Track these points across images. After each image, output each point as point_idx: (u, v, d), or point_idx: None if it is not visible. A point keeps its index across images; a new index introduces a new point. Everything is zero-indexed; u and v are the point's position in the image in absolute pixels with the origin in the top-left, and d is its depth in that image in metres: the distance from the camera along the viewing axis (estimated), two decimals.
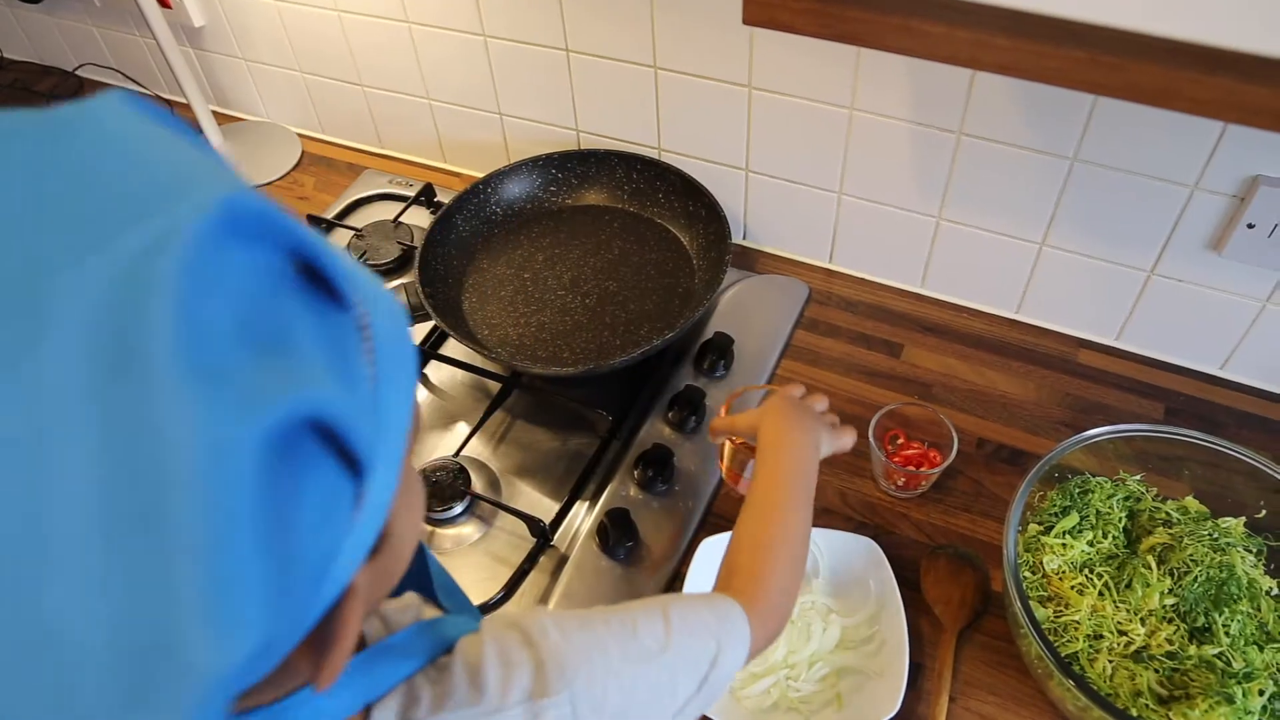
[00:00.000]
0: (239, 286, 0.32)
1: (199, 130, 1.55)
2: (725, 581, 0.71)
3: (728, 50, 1.12)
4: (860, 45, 0.61)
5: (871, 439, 1.01)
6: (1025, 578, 0.90)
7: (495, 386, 1.15)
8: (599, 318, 1.18)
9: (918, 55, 0.60)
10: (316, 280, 0.36)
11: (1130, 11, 0.54)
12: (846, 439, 0.91)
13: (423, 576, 0.57)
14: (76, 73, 1.73)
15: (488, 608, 0.97)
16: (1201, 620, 0.85)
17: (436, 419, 1.15)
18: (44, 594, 0.26)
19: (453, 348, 1.20)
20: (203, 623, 0.28)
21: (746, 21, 0.63)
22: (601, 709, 0.53)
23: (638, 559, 0.99)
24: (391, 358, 0.38)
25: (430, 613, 0.56)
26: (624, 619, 0.58)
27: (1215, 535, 0.90)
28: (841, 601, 0.95)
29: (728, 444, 0.96)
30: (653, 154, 1.30)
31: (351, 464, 0.35)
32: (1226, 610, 0.85)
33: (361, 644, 0.50)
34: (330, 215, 1.41)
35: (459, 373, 1.19)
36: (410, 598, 0.56)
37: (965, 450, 1.08)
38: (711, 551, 0.96)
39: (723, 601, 0.65)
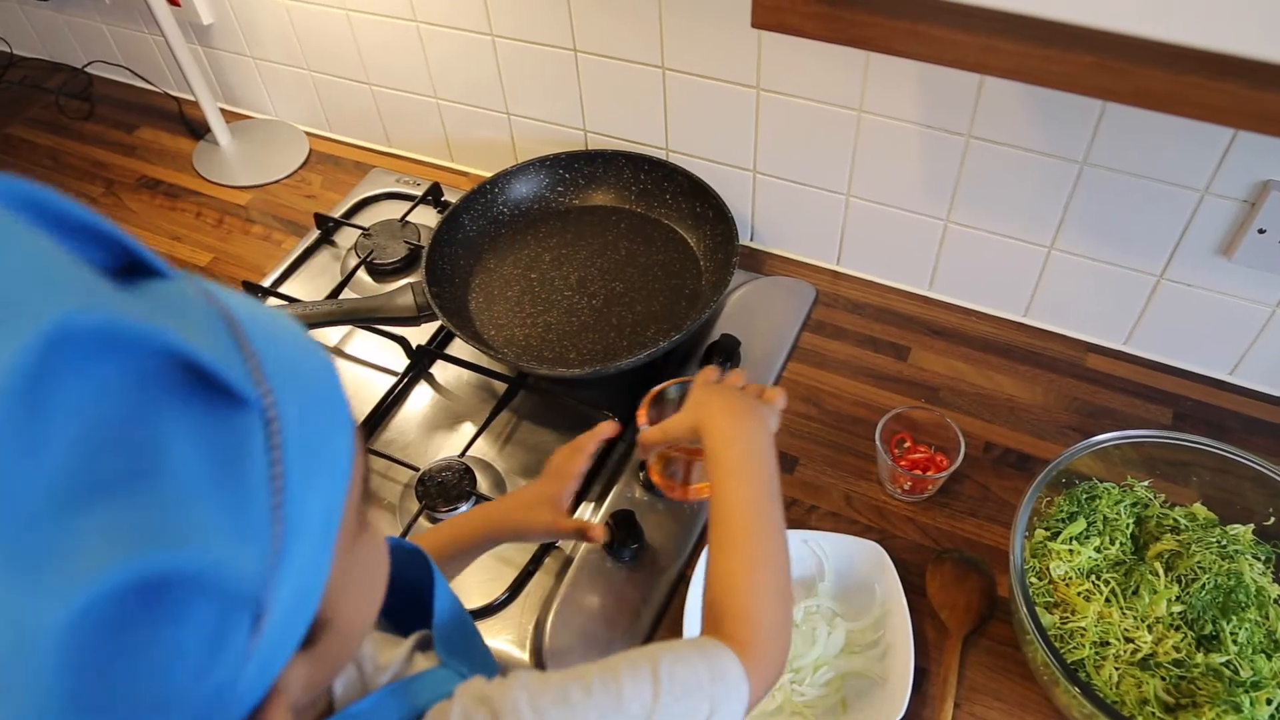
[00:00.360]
0: (75, 420, 0.27)
1: (207, 129, 1.55)
2: (714, 625, 0.62)
3: (736, 51, 1.12)
4: (869, 50, 0.61)
5: (878, 442, 1.01)
6: (1031, 583, 0.90)
7: (501, 387, 1.15)
8: (606, 319, 1.18)
9: (926, 60, 0.60)
10: (207, 377, 0.31)
11: (1136, 16, 0.53)
12: (780, 401, 0.80)
13: (428, 612, 0.55)
14: (86, 69, 1.74)
15: (492, 609, 0.97)
16: (1209, 628, 0.85)
17: (442, 419, 1.15)
18: None
19: (459, 348, 1.20)
20: None
21: (755, 25, 0.63)
22: None
23: (643, 561, 0.99)
24: (308, 443, 0.33)
25: (421, 664, 0.53)
26: (608, 681, 0.51)
27: (1223, 542, 0.89)
28: (846, 606, 0.94)
29: (654, 455, 0.87)
30: (660, 155, 1.30)
31: (240, 600, 0.31)
32: (1234, 618, 0.84)
33: (330, 708, 0.47)
34: (338, 214, 1.41)
35: (465, 373, 1.19)
36: (401, 649, 0.53)
37: (972, 454, 1.07)
38: None
39: (717, 651, 0.57)
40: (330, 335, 1.25)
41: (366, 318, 1.16)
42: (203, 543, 0.29)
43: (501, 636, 0.95)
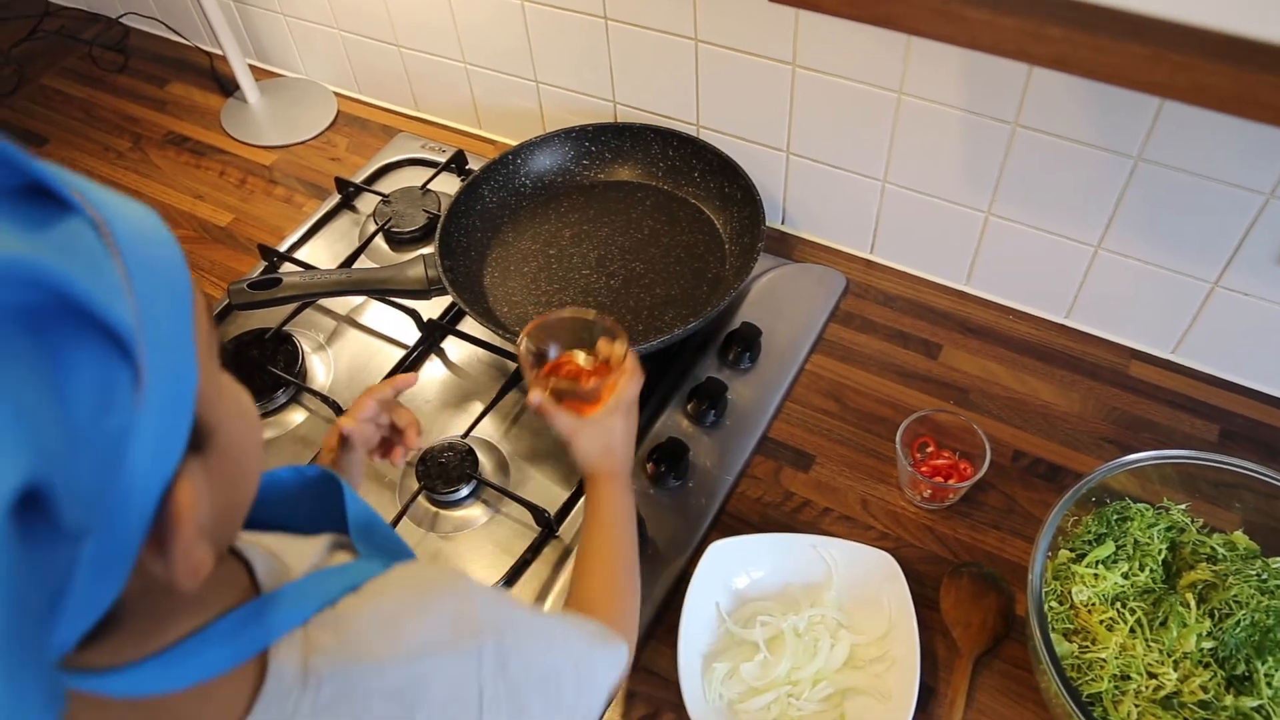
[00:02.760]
0: None
1: (236, 86, 1.53)
2: (588, 607, 0.73)
3: (772, 25, 1.06)
4: (895, 29, 0.55)
5: (899, 446, 0.96)
6: (1051, 608, 0.84)
7: (511, 366, 1.12)
8: (623, 300, 1.13)
9: (958, 43, 0.54)
10: (39, 194, 0.35)
11: (1206, 6, 0.47)
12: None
13: (339, 516, 0.57)
14: (121, 20, 1.72)
15: None
16: (1241, 668, 0.79)
17: (451, 396, 1.12)
18: None
19: (471, 324, 1.17)
20: None
21: None
22: (504, 673, 0.52)
23: (644, 557, 0.95)
24: (146, 252, 0.37)
25: (341, 558, 0.55)
26: (533, 610, 0.61)
27: (1264, 576, 0.83)
28: (852, 617, 0.90)
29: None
30: (691, 130, 1.24)
31: (116, 343, 0.34)
32: (1270, 659, 0.78)
33: (256, 591, 0.49)
34: (359, 179, 1.38)
35: (477, 349, 1.15)
36: (318, 544, 0.55)
37: (1000, 462, 1.01)
38: (721, 555, 0.91)
39: (601, 628, 0.68)
40: (341, 304, 1.22)
41: (376, 289, 1.12)
42: (67, 266, 0.33)
43: None
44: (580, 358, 0.83)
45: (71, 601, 0.34)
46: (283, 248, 1.30)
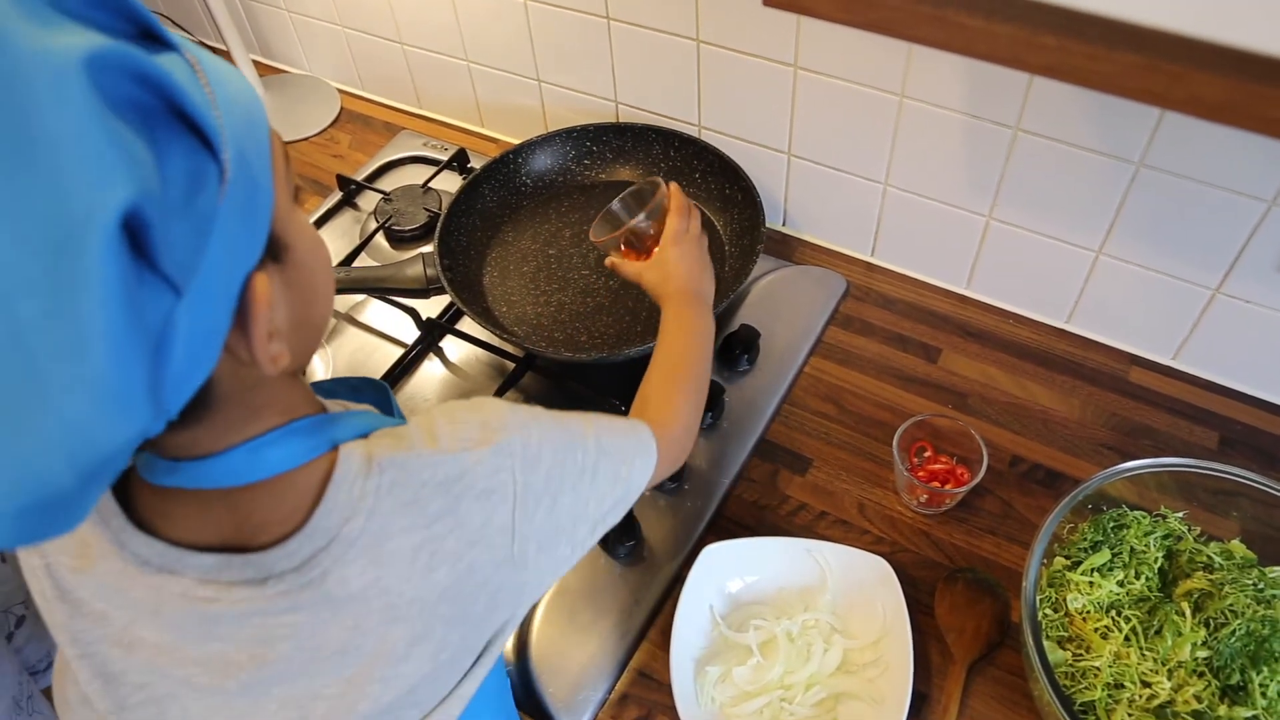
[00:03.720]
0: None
1: None
2: (642, 409, 0.79)
3: (774, 27, 1.05)
4: (889, 35, 0.55)
5: (896, 451, 0.96)
6: (1045, 615, 0.84)
7: (510, 366, 1.12)
8: (621, 301, 1.13)
9: (952, 50, 0.54)
10: (151, 37, 0.42)
11: (1197, 16, 0.47)
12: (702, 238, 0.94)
13: (385, 408, 0.65)
14: None
15: None
16: (1236, 678, 0.78)
17: (449, 395, 1.12)
18: None
19: (470, 323, 1.16)
20: (90, 180, 0.35)
21: (767, 3, 0.57)
22: (535, 467, 0.58)
23: (638, 558, 0.95)
24: (224, 87, 0.44)
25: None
26: (557, 412, 0.64)
27: (1260, 585, 0.82)
28: (846, 622, 0.90)
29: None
30: (692, 131, 1.24)
31: (204, 143, 0.41)
32: (1265, 669, 0.78)
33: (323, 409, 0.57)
34: (361, 177, 1.38)
35: (475, 349, 1.15)
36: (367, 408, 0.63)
37: (997, 467, 1.01)
38: (715, 558, 0.91)
39: (633, 421, 0.72)
40: (341, 302, 1.23)
41: (374, 288, 1.12)
42: (172, 68, 0.41)
43: None
44: (641, 219, 0.93)
45: (174, 356, 0.40)
46: None
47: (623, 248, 0.95)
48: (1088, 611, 0.83)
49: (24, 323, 0.35)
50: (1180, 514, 0.89)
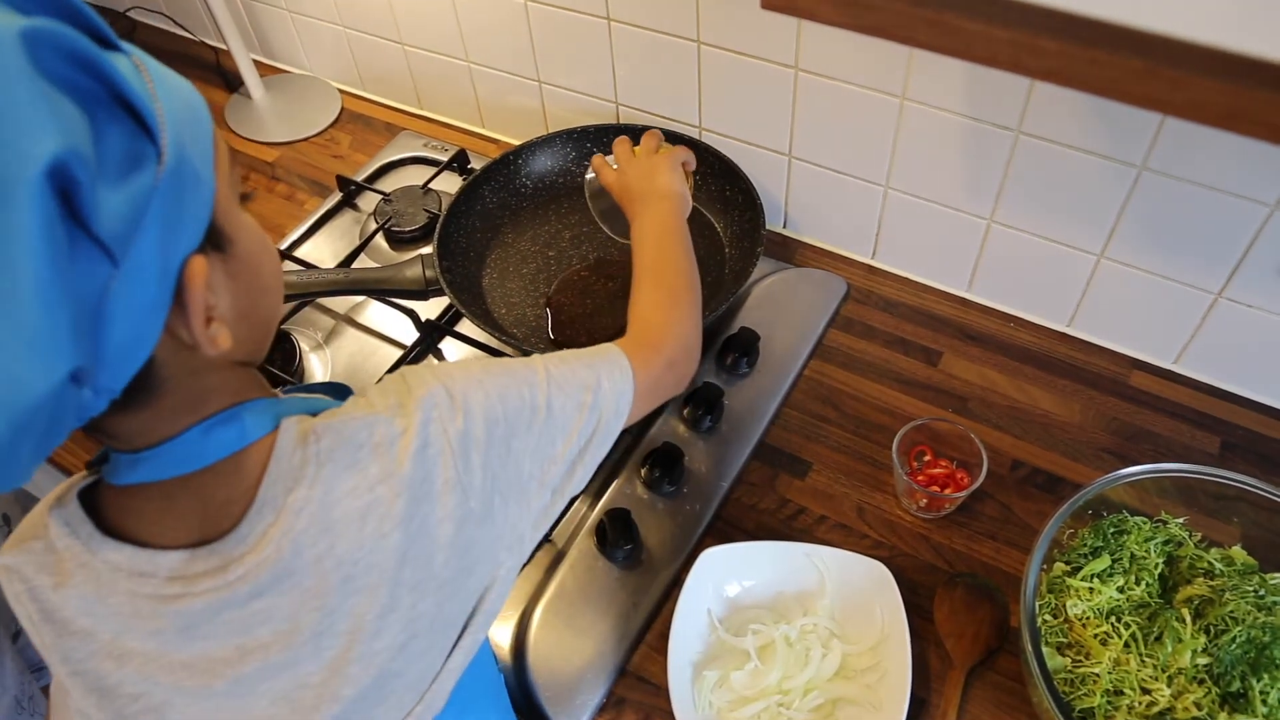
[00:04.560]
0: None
1: (241, 82, 1.53)
2: (627, 329, 0.77)
3: (774, 29, 1.05)
4: (887, 39, 0.54)
5: (895, 455, 0.95)
6: (1045, 621, 0.84)
7: None
8: (620, 303, 1.13)
9: (952, 54, 0.53)
10: (93, 35, 0.45)
11: (1198, 21, 0.47)
12: (680, 152, 0.96)
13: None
14: (127, 14, 1.72)
15: None
16: (1236, 685, 0.78)
17: None
18: None
19: (469, 325, 1.16)
20: (24, 131, 0.38)
21: (765, 6, 0.57)
22: (469, 414, 0.57)
23: (636, 562, 0.95)
24: (167, 84, 0.46)
25: None
26: (493, 358, 0.66)
27: (1261, 592, 0.82)
28: (845, 627, 0.89)
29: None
30: (693, 133, 1.23)
31: (142, 126, 0.44)
32: (1266, 676, 0.77)
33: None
34: (362, 177, 1.38)
35: (475, 351, 1.14)
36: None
37: (998, 471, 1.01)
38: (714, 562, 0.91)
39: (606, 347, 0.70)
40: (340, 303, 1.22)
41: (373, 289, 1.12)
42: (116, 68, 0.43)
43: None
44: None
45: (114, 327, 0.43)
46: (283, 245, 1.30)
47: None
48: (1087, 617, 0.83)
49: None
50: (1181, 520, 0.89)
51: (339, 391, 0.65)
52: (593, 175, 0.98)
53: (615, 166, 0.95)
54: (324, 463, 0.54)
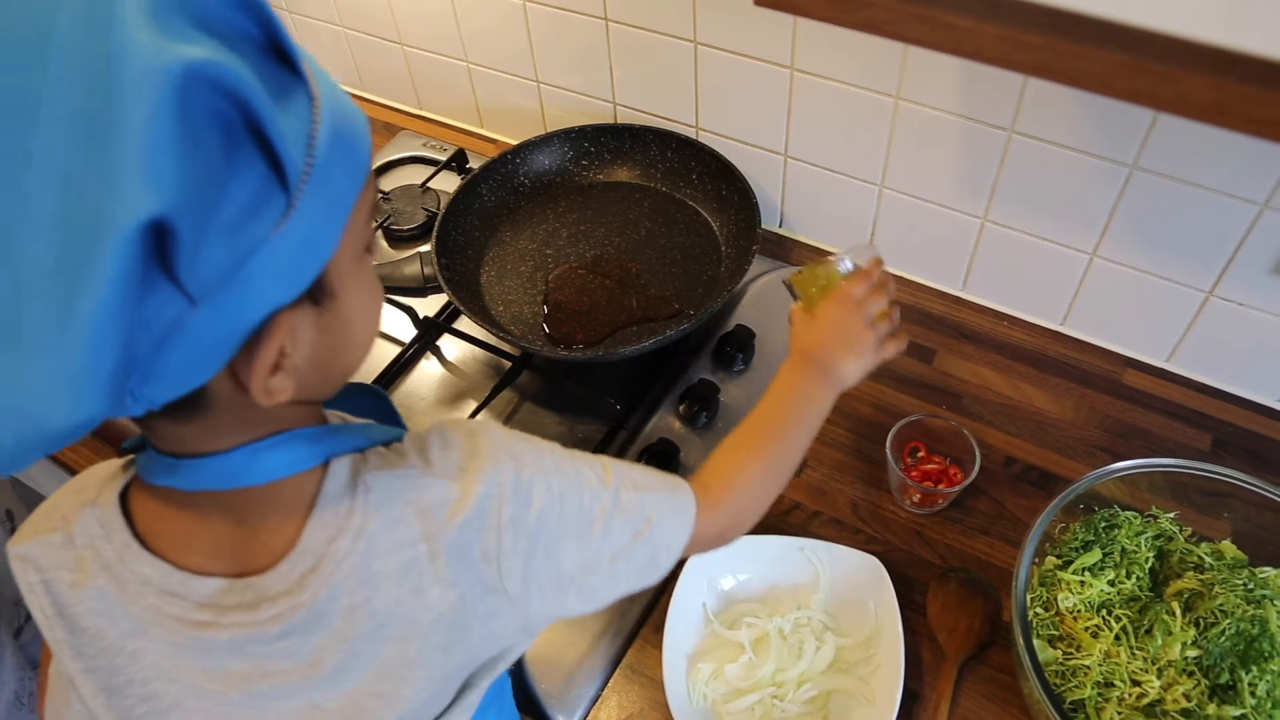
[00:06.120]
0: (204, 11, 0.39)
1: None
2: (705, 463, 0.73)
3: (770, 29, 1.06)
4: (878, 35, 0.55)
5: (889, 451, 0.96)
6: (1037, 614, 0.84)
7: (506, 365, 1.12)
8: (618, 300, 1.14)
9: (941, 49, 0.54)
10: (280, 57, 0.42)
11: (1184, 16, 0.48)
12: (890, 350, 0.84)
13: (391, 421, 0.63)
14: None
15: None
16: (1225, 677, 0.79)
17: (446, 394, 1.13)
18: (23, 178, 0.36)
19: (467, 322, 1.17)
20: (127, 186, 0.36)
21: (759, 3, 0.58)
22: (524, 499, 0.55)
23: None
24: (341, 138, 0.44)
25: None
26: (569, 453, 0.61)
27: (1250, 585, 0.83)
28: (839, 620, 0.90)
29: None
30: (690, 133, 1.24)
31: (279, 174, 0.41)
32: (1255, 669, 0.78)
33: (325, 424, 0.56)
34: None
35: (472, 348, 1.16)
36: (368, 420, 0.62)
37: (991, 468, 1.01)
38: (709, 556, 0.90)
39: (673, 478, 0.67)
40: None
41: None
42: (264, 97, 0.40)
43: None
44: (836, 259, 0.86)
45: (172, 354, 0.40)
46: None
47: (806, 299, 0.85)
48: (1078, 611, 0.84)
49: (27, 267, 0.36)
50: (1172, 515, 0.90)
51: (380, 403, 0.63)
52: (790, 284, 0.87)
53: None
54: (371, 514, 0.52)
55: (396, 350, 1.15)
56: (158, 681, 0.53)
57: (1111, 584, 0.85)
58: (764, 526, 0.98)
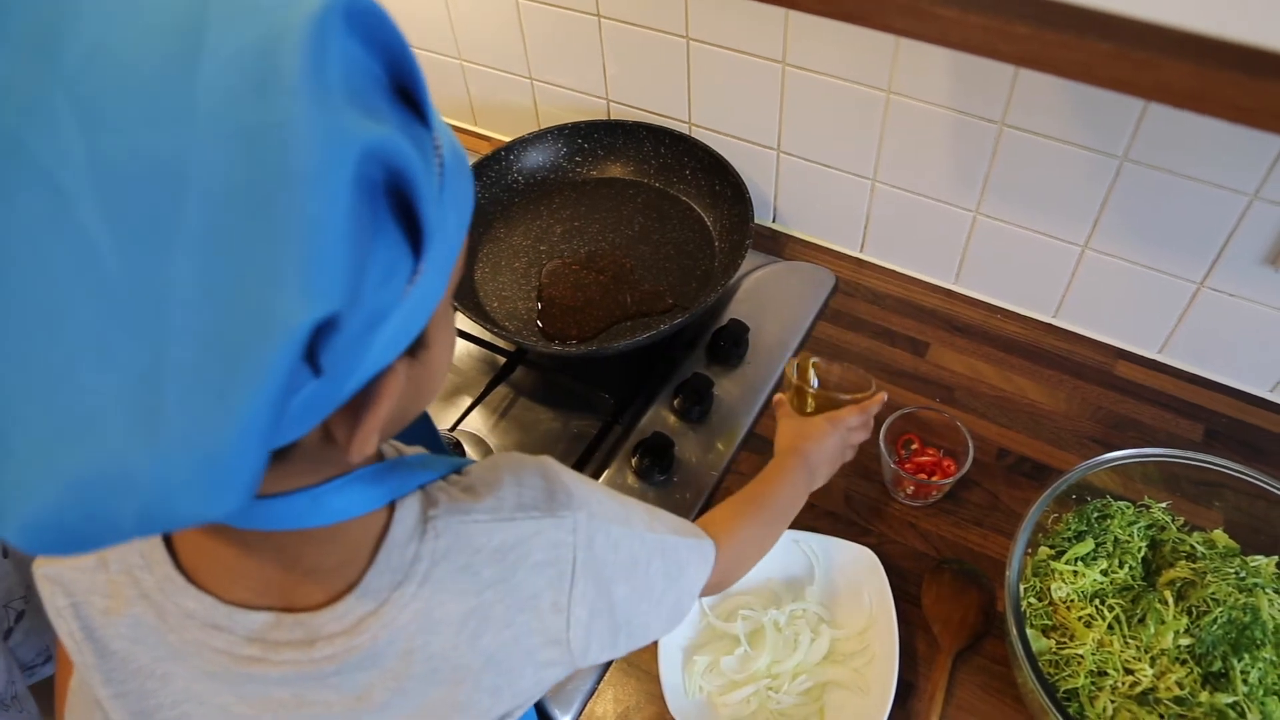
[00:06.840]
0: (347, 60, 0.36)
1: None
2: (706, 520, 0.76)
3: (762, 24, 1.06)
4: (863, 25, 0.55)
5: (882, 443, 0.96)
6: (1030, 604, 0.85)
7: (500, 360, 1.12)
8: (612, 295, 1.14)
9: (927, 40, 0.55)
10: (405, 99, 0.39)
11: (1166, 4, 0.48)
12: (852, 455, 0.94)
13: (431, 438, 0.63)
14: None
15: None
16: (1218, 665, 0.79)
17: (441, 390, 1.13)
18: (170, 271, 0.32)
19: (460, 318, 1.17)
20: (297, 286, 0.33)
21: None
22: (594, 546, 0.56)
23: None
24: (455, 181, 0.41)
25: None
26: (618, 494, 0.62)
27: (1242, 574, 0.83)
28: (833, 611, 0.90)
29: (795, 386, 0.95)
30: (683, 128, 1.25)
31: (414, 239, 0.39)
32: (1246, 656, 0.79)
33: (382, 459, 0.54)
34: None
35: (468, 345, 1.16)
36: (417, 447, 0.60)
37: (984, 460, 1.02)
38: None
39: (693, 525, 0.70)
40: None
41: None
42: (419, 163, 0.37)
43: None
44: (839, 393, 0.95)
45: (285, 424, 0.38)
46: None
47: (796, 395, 0.94)
48: (1072, 600, 0.84)
49: (170, 364, 0.33)
50: (1164, 504, 0.90)
51: (420, 419, 0.60)
52: (788, 375, 0.96)
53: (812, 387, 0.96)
54: (438, 561, 0.51)
55: None
56: (188, 704, 0.51)
57: (1104, 574, 0.85)
58: None
